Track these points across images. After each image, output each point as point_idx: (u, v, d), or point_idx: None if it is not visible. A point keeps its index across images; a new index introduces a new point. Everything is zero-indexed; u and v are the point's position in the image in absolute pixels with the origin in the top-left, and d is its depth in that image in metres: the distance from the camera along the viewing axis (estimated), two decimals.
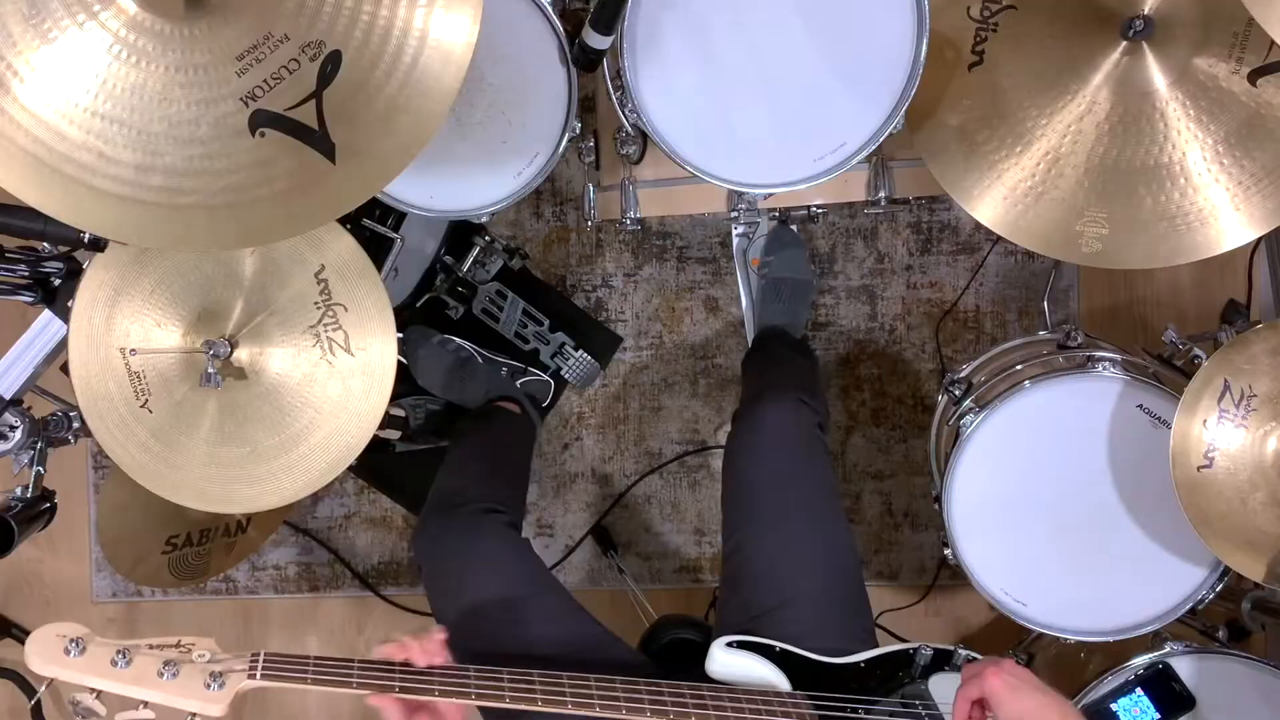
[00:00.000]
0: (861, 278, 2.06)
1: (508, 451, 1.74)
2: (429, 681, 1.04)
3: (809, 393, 1.52)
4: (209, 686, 1.00)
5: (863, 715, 1.13)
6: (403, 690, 1.03)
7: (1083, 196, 1.26)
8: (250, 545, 2.03)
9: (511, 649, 1.22)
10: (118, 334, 1.22)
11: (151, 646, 1.02)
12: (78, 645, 0.99)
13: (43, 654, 0.99)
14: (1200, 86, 1.21)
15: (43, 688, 1.01)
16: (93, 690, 0.99)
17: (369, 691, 1.03)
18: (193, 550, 1.92)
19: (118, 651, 0.99)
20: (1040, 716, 0.97)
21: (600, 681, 1.08)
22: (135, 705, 1.00)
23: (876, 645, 1.22)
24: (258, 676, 1.01)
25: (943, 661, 1.19)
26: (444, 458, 1.67)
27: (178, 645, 1.03)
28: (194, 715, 1.00)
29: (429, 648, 1.07)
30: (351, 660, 1.05)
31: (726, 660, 1.16)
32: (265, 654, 1.03)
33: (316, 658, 1.04)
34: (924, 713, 1.14)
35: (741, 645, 1.17)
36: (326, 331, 1.23)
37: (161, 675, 0.99)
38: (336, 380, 1.23)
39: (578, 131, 1.37)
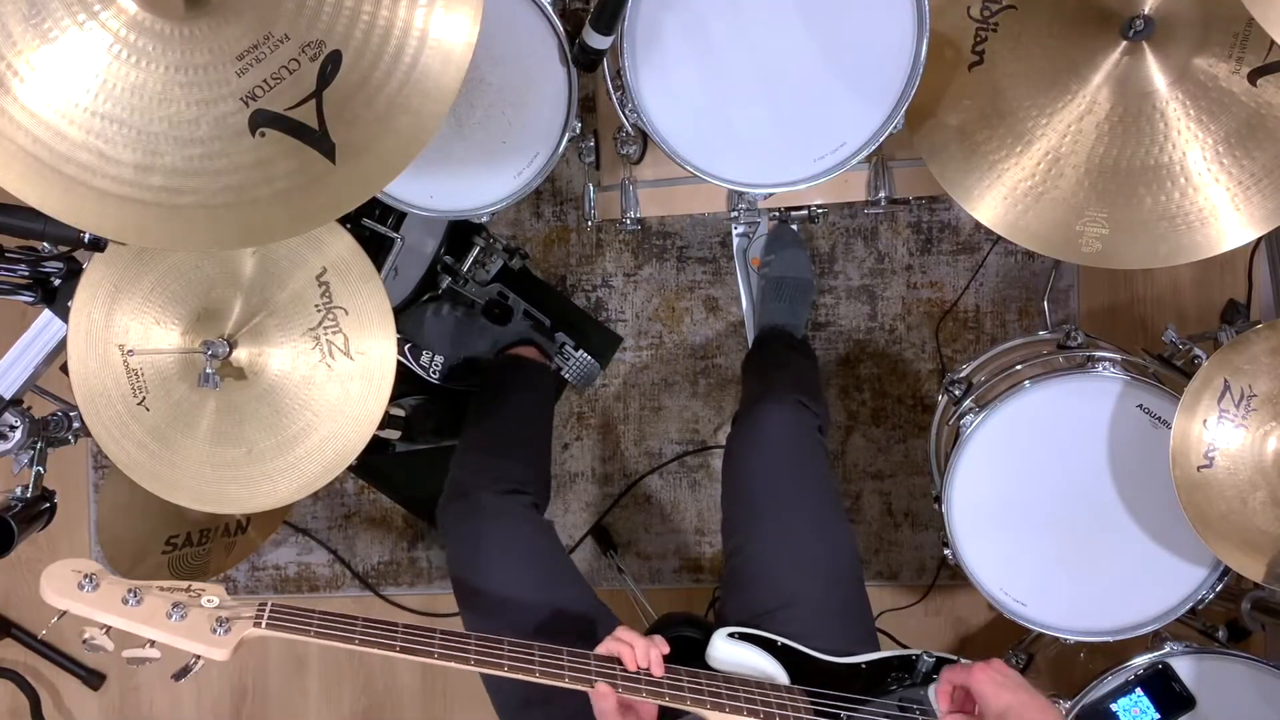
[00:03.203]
0: (861, 278, 2.06)
1: (523, 422, 1.72)
2: (430, 644, 1.05)
3: (809, 395, 1.53)
4: (215, 631, 1.02)
5: (858, 715, 1.13)
6: (403, 650, 1.04)
7: (1083, 196, 1.26)
8: (250, 545, 2.03)
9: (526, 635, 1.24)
10: (116, 331, 1.22)
11: (162, 589, 1.04)
12: (91, 580, 1.02)
13: (57, 587, 1.01)
14: (1200, 86, 1.21)
15: (54, 619, 1.03)
16: (102, 626, 1.01)
17: (371, 649, 1.04)
18: (192, 550, 1.92)
19: (129, 590, 1.02)
20: (1022, 714, 0.99)
21: (600, 663, 1.09)
22: (142, 644, 1.02)
23: (877, 647, 1.22)
24: (263, 625, 1.03)
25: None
26: (460, 435, 1.66)
27: (188, 590, 1.05)
28: (198, 658, 1.02)
29: (653, 655, 1.09)
30: (356, 618, 1.06)
31: (728, 650, 1.17)
32: (273, 603, 1.04)
33: (322, 612, 1.05)
34: (921, 717, 1.14)
35: (743, 637, 1.17)
36: (326, 335, 1.23)
37: (170, 616, 1.01)
38: (335, 383, 1.23)
39: (578, 131, 1.37)
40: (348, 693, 2.16)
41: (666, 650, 1.11)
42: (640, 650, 1.09)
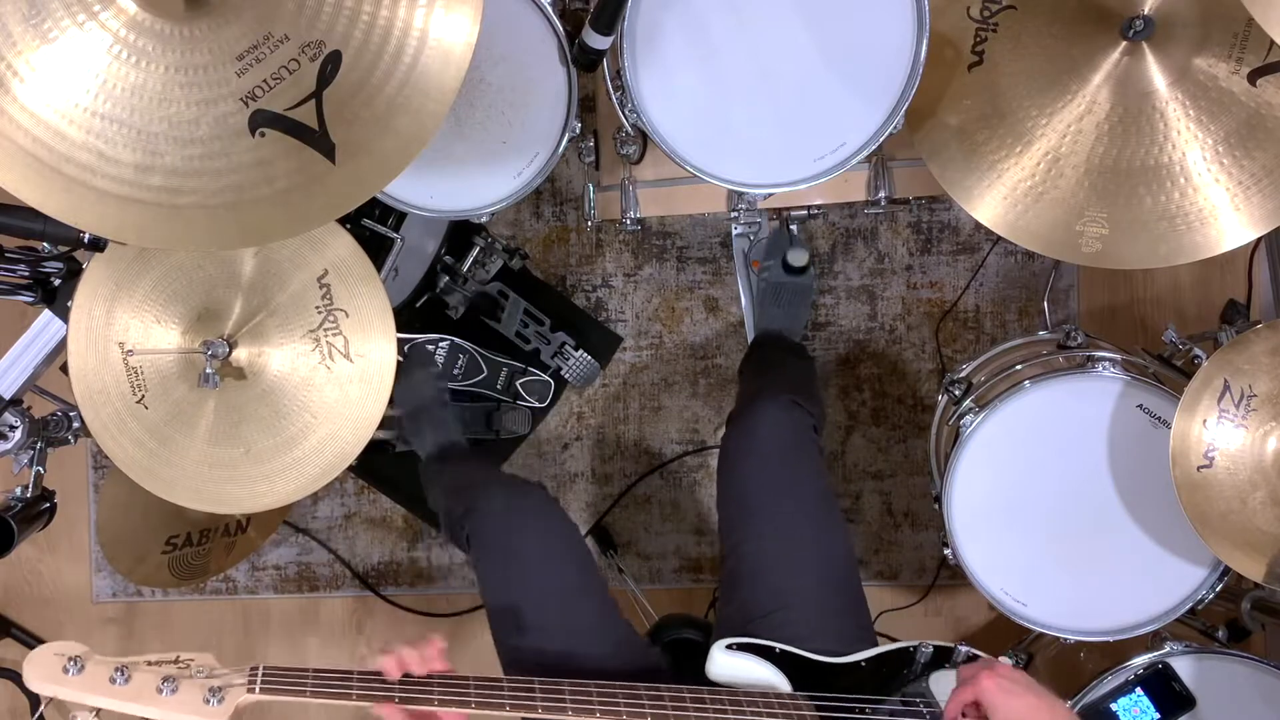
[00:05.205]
0: (861, 278, 2.06)
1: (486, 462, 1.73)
2: (429, 691, 1.04)
3: (804, 395, 1.52)
4: (208, 702, 0.99)
5: (864, 714, 1.13)
6: (402, 701, 1.03)
7: (1083, 196, 1.26)
8: (249, 545, 2.03)
9: (561, 646, 1.24)
10: (117, 329, 1.22)
11: (150, 663, 1.01)
12: (76, 664, 0.99)
13: (42, 673, 0.99)
14: (1200, 86, 1.21)
15: (43, 706, 1.01)
16: (92, 709, 0.99)
17: (370, 704, 1.02)
18: (192, 550, 1.92)
19: (116, 669, 0.99)
20: (1033, 718, 0.98)
21: (600, 687, 1.08)
22: None
23: (875, 646, 1.22)
24: (257, 690, 1.01)
25: (943, 659, 1.19)
26: (431, 487, 1.65)
27: (176, 661, 1.02)
28: None
29: (427, 654, 1.06)
30: (351, 672, 1.04)
31: (727, 663, 1.16)
32: (264, 668, 1.02)
33: (315, 670, 1.03)
34: (925, 710, 1.14)
35: (741, 647, 1.17)
36: (326, 336, 1.23)
37: (160, 691, 0.99)
38: (334, 385, 1.23)
39: (578, 131, 1.37)
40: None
41: (440, 645, 1.07)
42: (415, 657, 1.05)
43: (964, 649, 1.18)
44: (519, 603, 1.28)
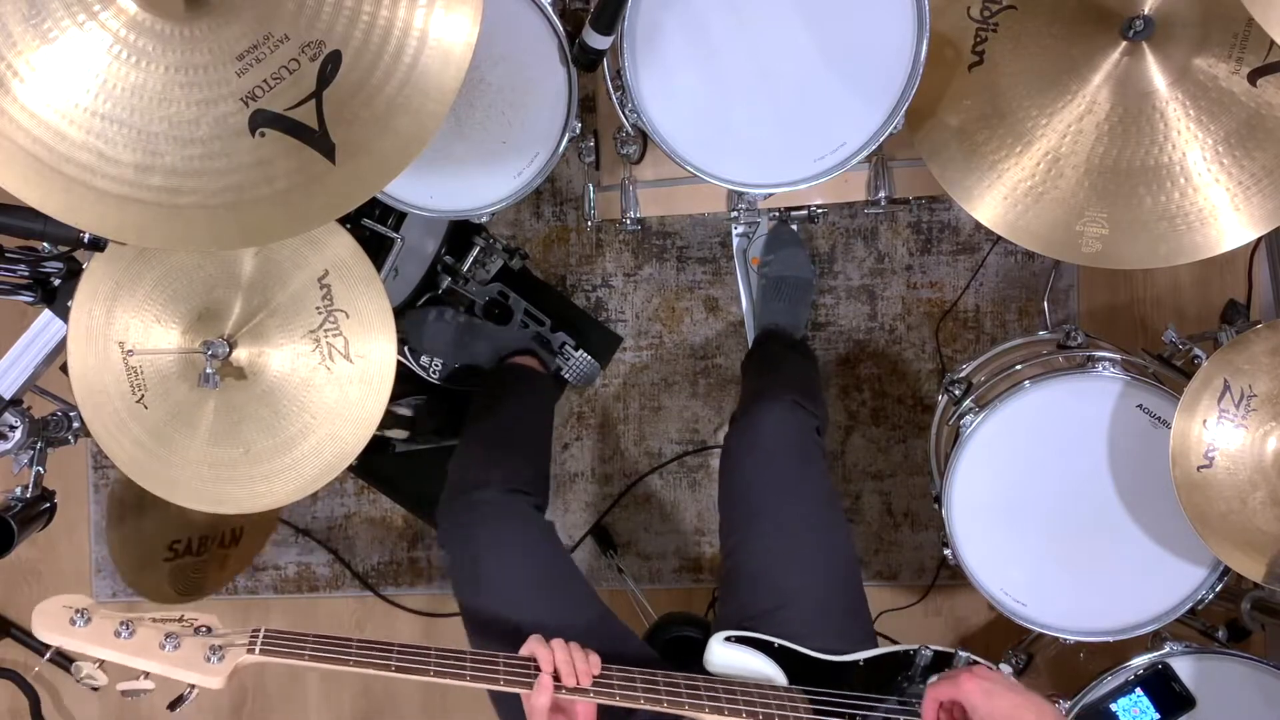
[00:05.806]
0: (861, 278, 2.06)
1: (525, 424, 1.71)
2: (426, 662, 1.05)
3: (807, 395, 1.52)
4: (209, 659, 1.02)
5: (860, 714, 1.13)
6: (399, 670, 1.04)
7: (1083, 196, 1.26)
8: (242, 560, 2.02)
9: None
10: (117, 329, 1.22)
11: (154, 619, 1.05)
12: (83, 615, 1.02)
13: (49, 623, 1.02)
14: (1200, 86, 1.21)
15: (46, 655, 1.04)
16: (96, 659, 1.02)
17: (366, 670, 1.04)
18: (193, 560, 1.90)
19: (121, 623, 1.02)
20: (1015, 717, 0.98)
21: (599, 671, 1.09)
22: (136, 675, 1.02)
23: (875, 647, 1.22)
24: (257, 651, 1.04)
25: (943, 664, 1.19)
26: (460, 436, 1.65)
27: (180, 619, 1.06)
28: (193, 687, 1.03)
29: (580, 668, 1.07)
30: (350, 639, 1.06)
31: (725, 654, 1.17)
32: (266, 630, 1.05)
33: (316, 635, 1.05)
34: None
35: (740, 640, 1.17)
36: (327, 337, 1.23)
37: (163, 647, 1.02)
38: (334, 386, 1.23)
39: (578, 131, 1.37)
40: (348, 694, 2.16)
41: (596, 670, 1.09)
42: (560, 655, 1.07)
43: (964, 654, 1.18)
44: (486, 606, 1.30)
